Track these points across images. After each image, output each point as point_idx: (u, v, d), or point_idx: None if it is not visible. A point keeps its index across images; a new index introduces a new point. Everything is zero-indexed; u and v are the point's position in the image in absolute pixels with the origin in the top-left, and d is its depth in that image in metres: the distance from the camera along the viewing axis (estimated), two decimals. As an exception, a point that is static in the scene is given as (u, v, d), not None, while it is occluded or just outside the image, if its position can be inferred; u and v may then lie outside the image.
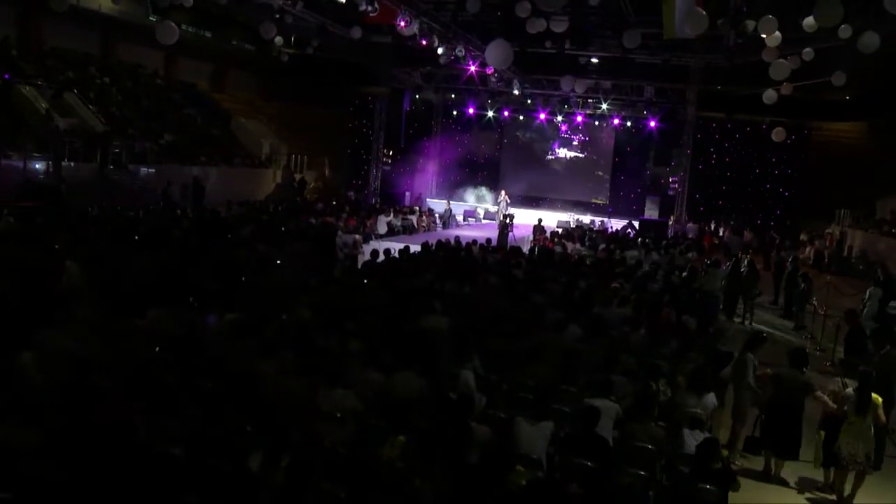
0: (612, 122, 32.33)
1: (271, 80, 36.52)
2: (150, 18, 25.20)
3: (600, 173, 34.98)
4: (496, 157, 36.01)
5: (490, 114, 34.30)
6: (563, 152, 35.21)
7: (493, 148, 35.93)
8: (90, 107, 24.25)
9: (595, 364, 8.48)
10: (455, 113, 34.86)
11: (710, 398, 7.35)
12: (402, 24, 16.35)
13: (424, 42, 18.00)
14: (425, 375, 6.92)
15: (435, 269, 13.04)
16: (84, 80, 25.85)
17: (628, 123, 31.84)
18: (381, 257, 13.44)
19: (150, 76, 30.44)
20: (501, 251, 16.87)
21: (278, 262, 11.89)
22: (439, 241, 16.25)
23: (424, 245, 15.55)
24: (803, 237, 29.76)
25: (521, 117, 34.08)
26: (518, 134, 35.69)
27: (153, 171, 24.58)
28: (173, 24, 15.27)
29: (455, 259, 14.24)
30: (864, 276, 23.78)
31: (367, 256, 18.61)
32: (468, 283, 12.00)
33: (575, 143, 34.94)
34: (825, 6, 11.58)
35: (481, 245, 16.63)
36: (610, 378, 7.15)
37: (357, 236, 17.83)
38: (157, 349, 7.21)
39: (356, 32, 19.78)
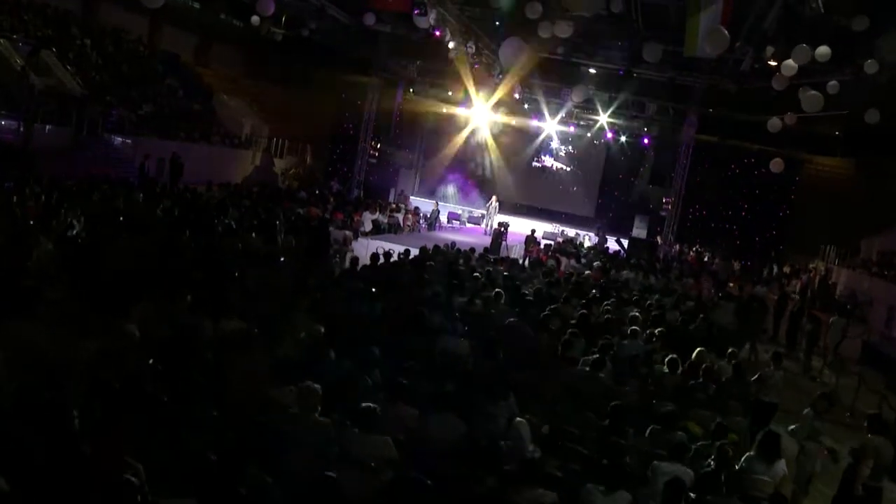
0: (605, 136, 31.67)
1: (257, 58, 35.15)
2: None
3: (586, 187, 34.32)
4: (483, 159, 35.08)
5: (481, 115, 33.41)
6: (549, 161, 34.46)
7: (481, 150, 34.99)
8: (68, 68, 22.84)
9: (632, 408, 7.63)
10: (445, 110, 33.80)
11: (781, 466, 6.48)
12: (417, 11, 15.35)
13: (438, 33, 17.02)
14: (464, 416, 5.95)
15: (439, 278, 12.09)
16: (64, 40, 24.34)
17: (622, 139, 31.17)
18: (382, 260, 12.41)
19: (133, 42, 28.94)
20: (504, 263, 15.92)
21: (277, 257, 10.78)
22: (436, 247, 15.28)
23: (423, 250, 14.57)
24: (786, 269, 29.40)
25: (514, 122, 33.18)
26: (506, 138, 34.78)
27: (129, 141, 23.30)
28: None
29: (458, 269, 13.25)
30: (850, 315, 23.45)
31: (356, 254, 17.85)
32: (477, 299, 11.04)
33: (562, 154, 34.22)
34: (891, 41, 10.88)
35: (480, 254, 15.70)
36: (677, 436, 6.24)
37: (348, 232, 16.82)
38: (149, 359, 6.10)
39: (369, 19, 18.91)
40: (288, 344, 6.89)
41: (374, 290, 9.75)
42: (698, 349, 9.81)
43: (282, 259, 10.44)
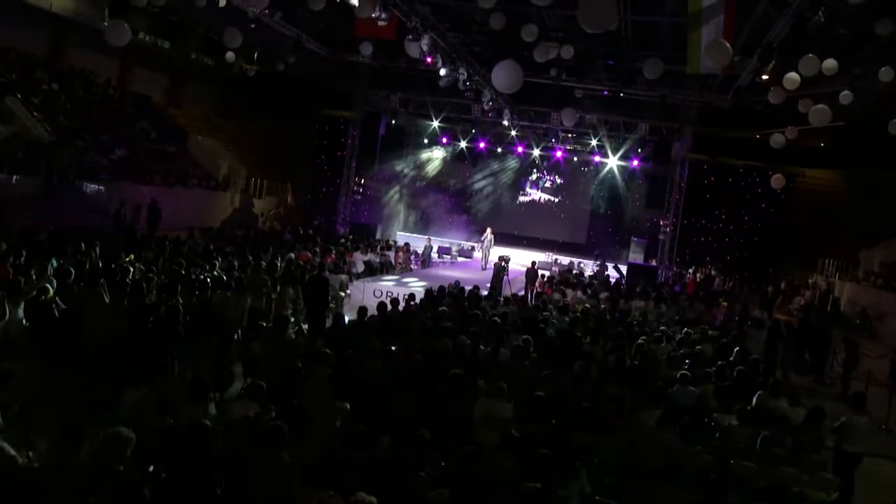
0: (593, 160, 30.95)
1: (231, 96, 34.19)
2: (105, 23, 22.80)
3: (576, 214, 33.54)
4: (469, 190, 34.19)
5: (463, 144, 32.59)
6: (535, 194, 33.69)
7: (466, 181, 34.14)
8: (35, 114, 21.68)
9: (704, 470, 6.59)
10: (426, 141, 32.92)
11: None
12: (410, 37, 14.43)
13: (430, 60, 16.12)
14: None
15: (454, 323, 10.99)
16: (29, 85, 23.22)
17: (612, 162, 30.41)
18: (390, 308, 11.30)
19: (102, 85, 27.87)
20: (515, 301, 14.85)
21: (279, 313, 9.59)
22: (442, 289, 14.19)
23: (429, 293, 13.48)
24: (783, 286, 28.68)
25: (499, 149, 32.37)
26: (492, 168, 33.95)
27: (102, 188, 22.15)
28: (125, 24, 13.33)
29: (471, 312, 12.15)
30: (859, 331, 22.69)
31: (353, 298, 16.70)
32: (501, 347, 9.96)
33: (548, 184, 33.45)
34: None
35: (487, 294, 14.64)
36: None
37: (344, 277, 15.69)
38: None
39: (366, 49, 18.00)
40: (317, 432, 5.74)
41: (393, 347, 8.64)
42: (760, 392, 8.79)
43: (286, 317, 9.29)
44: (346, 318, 10.03)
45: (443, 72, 16.95)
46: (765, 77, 18.81)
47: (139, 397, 5.94)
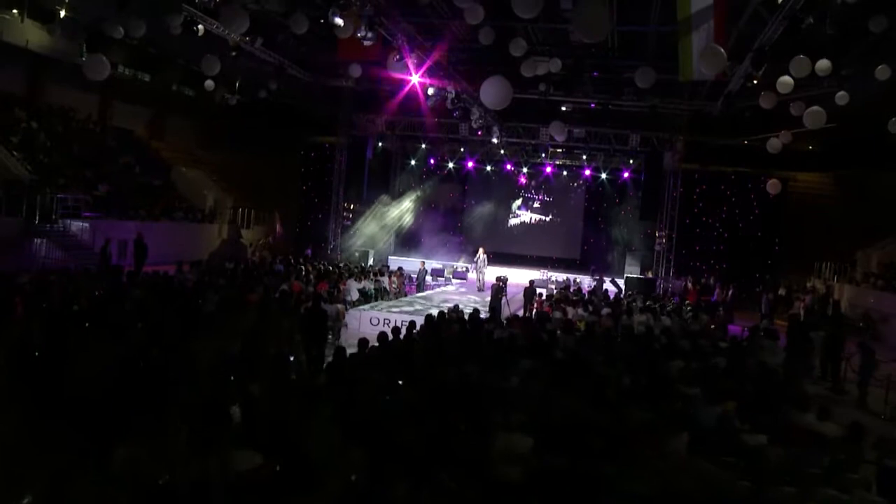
0: (584, 174, 30.68)
1: (214, 126, 33.88)
2: (83, 58, 22.43)
3: (569, 230, 33.22)
4: (459, 210, 33.82)
5: (451, 165, 32.29)
6: (526, 216, 33.39)
7: (456, 201, 33.76)
8: (14, 153, 21.20)
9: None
10: (414, 163, 32.58)
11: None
12: (397, 58, 14.09)
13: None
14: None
15: (459, 351, 10.54)
16: (7, 123, 22.74)
17: (603, 175, 30.17)
18: (391, 337, 10.81)
19: (82, 121, 27.47)
20: (518, 323, 14.38)
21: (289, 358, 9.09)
22: (442, 314, 13.73)
23: (429, 318, 13.00)
24: (781, 292, 28.36)
25: (489, 167, 32.04)
26: (482, 187, 33.61)
27: (87, 226, 21.70)
28: (104, 58, 13.06)
29: (475, 337, 11.71)
30: (863, 334, 22.34)
31: (350, 327, 16.21)
32: (510, 373, 9.50)
33: (537, 205, 33.15)
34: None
35: (488, 317, 14.19)
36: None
37: (340, 306, 15.17)
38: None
39: (355, 71, 17.65)
40: (328, 482, 5.26)
41: (400, 381, 8.17)
42: (786, 407, 8.37)
43: (285, 354, 8.80)
44: (348, 352, 9.52)
45: (430, 91, 16.64)
46: (754, 81, 18.60)
47: (131, 451, 5.47)
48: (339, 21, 11.82)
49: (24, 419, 6.97)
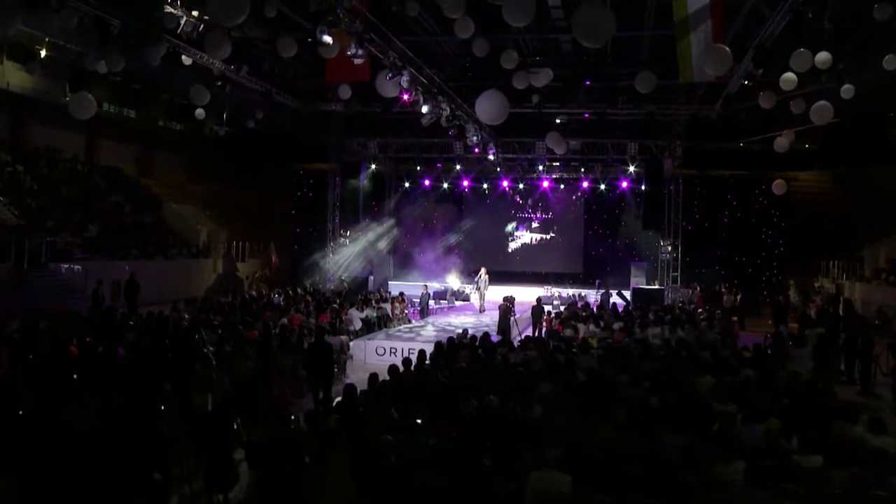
0: (581, 186, 30.15)
1: (203, 160, 33.50)
2: (67, 98, 21.98)
3: (570, 244, 32.64)
4: (458, 231, 33.21)
5: (445, 185, 31.73)
6: (526, 236, 32.83)
7: (454, 222, 33.13)
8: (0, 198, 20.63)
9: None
10: (408, 185, 32.04)
11: None
12: (389, 76, 13.57)
13: (406, 98, 15.29)
14: None
15: (474, 379, 9.93)
16: (-9, 168, 22.26)
17: (602, 187, 29.64)
18: (402, 369, 10.18)
19: (69, 161, 26.99)
20: (536, 346, 13.70)
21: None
22: (451, 339, 13.14)
23: (438, 346, 12.38)
24: (792, 294, 27.85)
25: (485, 186, 31.48)
26: (479, 206, 33.00)
27: (78, 268, 21.14)
28: (89, 96, 12.62)
29: (491, 364, 11.08)
30: (881, 332, 21.71)
31: (356, 359, 15.60)
32: (532, 401, 8.87)
33: (536, 224, 32.59)
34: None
35: (500, 340, 13.57)
36: None
37: (344, 338, 14.60)
38: None
39: (344, 93, 17.15)
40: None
41: (419, 420, 7.54)
42: (838, 423, 7.75)
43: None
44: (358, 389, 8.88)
45: (425, 109, 16.14)
46: (755, 80, 18.12)
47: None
48: (327, 38, 11.28)
49: (7, 484, 6.38)
